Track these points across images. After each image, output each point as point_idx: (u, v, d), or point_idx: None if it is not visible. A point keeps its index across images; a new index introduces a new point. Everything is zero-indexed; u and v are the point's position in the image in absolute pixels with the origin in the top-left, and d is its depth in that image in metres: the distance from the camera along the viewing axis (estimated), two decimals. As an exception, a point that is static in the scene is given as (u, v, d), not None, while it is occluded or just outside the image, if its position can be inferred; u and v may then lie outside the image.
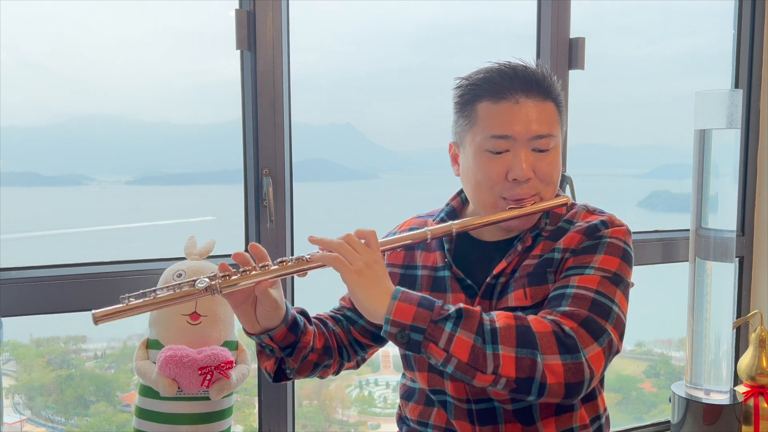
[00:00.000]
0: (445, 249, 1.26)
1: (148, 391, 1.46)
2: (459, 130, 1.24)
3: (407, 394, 1.33)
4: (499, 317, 1.05)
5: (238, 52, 1.73)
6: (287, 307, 1.16)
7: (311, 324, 1.23)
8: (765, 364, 2.07)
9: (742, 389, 2.10)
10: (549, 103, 1.19)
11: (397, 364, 3.35)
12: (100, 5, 2.32)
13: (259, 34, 1.70)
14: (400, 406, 1.37)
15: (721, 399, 2.02)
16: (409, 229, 1.35)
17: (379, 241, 1.12)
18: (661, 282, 2.97)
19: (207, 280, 1.06)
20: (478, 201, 1.23)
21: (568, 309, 1.08)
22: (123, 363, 2.84)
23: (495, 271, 1.21)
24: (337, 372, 1.33)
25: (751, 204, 2.46)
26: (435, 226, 1.18)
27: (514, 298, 1.18)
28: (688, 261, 2.12)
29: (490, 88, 1.17)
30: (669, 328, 3.46)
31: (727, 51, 2.46)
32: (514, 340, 1.02)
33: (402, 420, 1.37)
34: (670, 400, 2.11)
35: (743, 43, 2.42)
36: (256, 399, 1.83)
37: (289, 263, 1.09)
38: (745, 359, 2.11)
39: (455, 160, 1.28)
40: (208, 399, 1.44)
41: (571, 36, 2.08)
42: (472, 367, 1.01)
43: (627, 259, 1.17)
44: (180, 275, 1.48)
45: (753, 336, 2.12)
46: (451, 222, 1.18)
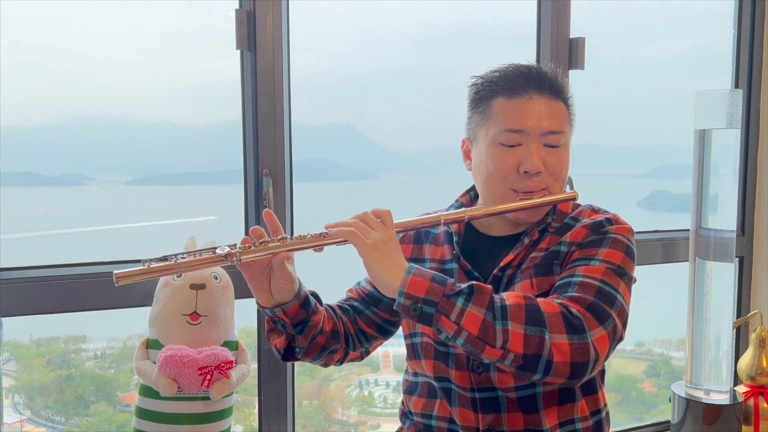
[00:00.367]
0: (454, 242, 1.30)
1: (148, 391, 1.46)
2: (473, 125, 1.29)
3: (410, 389, 1.36)
4: (509, 296, 1.08)
5: (238, 52, 1.73)
6: (300, 283, 1.21)
7: (322, 306, 1.28)
8: (765, 364, 2.07)
9: (742, 389, 2.10)
10: (560, 102, 1.25)
11: (397, 365, 3.35)
12: (100, 5, 2.32)
13: (259, 34, 1.70)
14: (403, 402, 1.40)
15: (721, 399, 2.02)
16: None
17: (394, 222, 1.17)
18: (661, 282, 2.97)
19: (227, 248, 1.10)
20: (489, 192, 1.27)
21: (574, 294, 1.12)
22: (123, 363, 2.84)
23: (502, 263, 1.25)
24: (341, 361, 1.36)
25: (751, 204, 2.46)
26: (448, 212, 1.23)
27: (520, 289, 1.21)
28: (688, 261, 2.12)
29: (506, 85, 1.23)
30: (669, 328, 3.46)
31: (727, 51, 2.46)
32: (523, 318, 1.05)
33: (405, 415, 1.39)
34: (670, 400, 2.11)
35: (743, 43, 2.42)
36: (256, 399, 1.83)
37: (307, 237, 1.13)
38: (745, 359, 2.11)
39: (467, 155, 1.33)
40: (208, 399, 1.44)
41: (571, 36, 2.08)
42: (481, 340, 1.04)
43: (630, 255, 1.21)
44: (180, 275, 1.48)
45: (753, 336, 2.12)
46: (464, 209, 1.23)
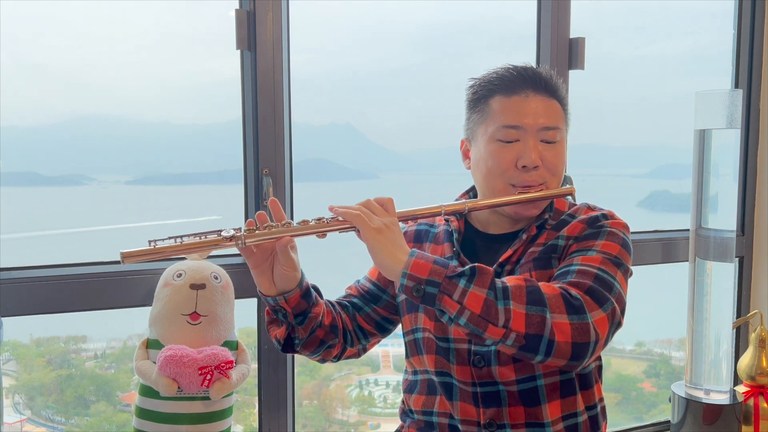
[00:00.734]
0: (454, 239, 1.32)
1: (148, 391, 1.46)
2: (471, 125, 1.33)
3: (410, 388, 1.37)
4: (509, 279, 1.10)
5: (238, 52, 1.73)
6: (302, 274, 1.23)
7: (322, 299, 1.30)
8: (765, 364, 2.07)
9: (742, 389, 2.10)
10: (555, 101, 1.30)
11: (396, 364, 3.35)
12: (100, 5, 2.32)
13: (259, 34, 1.70)
14: (403, 401, 1.41)
15: (721, 399, 2.02)
16: (418, 224, 1.43)
17: (396, 211, 1.19)
18: (661, 282, 2.97)
19: (232, 231, 1.12)
20: (488, 188, 1.29)
21: (573, 280, 1.13)
22: (123, 363, 2.84)
23: (501, 259, 1.27)
24: (339, 357, 1.37)
25: (751, 204, 2.46)
26: (449, 203, 1.25)
27: None
28: (688, 261, 2.12)
29: (503, 85, 1.28)
30: (669, 328, 3.46)
31: (727, 51, 2.46)
32: (524, 298, 1.07)
33: (405, 413, 1.40)
34: (670, 400, 2.11)
35: (743, 43, 2.42)
36: (256, 399, 1.83)
37: (311, 223, 1.15)
38: (745, 359, 2.11)
39: (466, 155, 1.36)
40: (208, 399, 1.44)
41: (571, 36, 2.08)
42: (484, 319, 1.05)
43: (626, 248, 1.23)
44: (180, 275, 1.48)
45: (753, 336, 2.12)
46: (464, 200, 1.27)
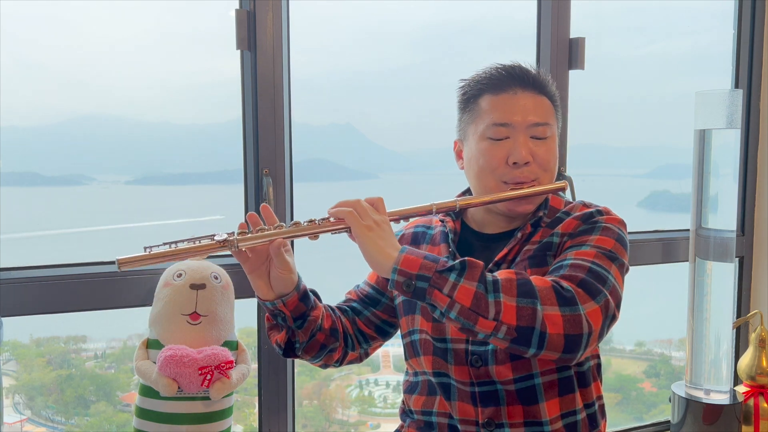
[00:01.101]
0: (449, 240, 1.32)
1: (148, 391, 1.46)
2: (463, 125, 1.33)
3: (410, 389, 1.37)
4: (500, 273, 1.10)
5: (238, 52, 1.73)
6: (299, 276, 1.23)
7: (321, 303, 1.30)
8: (765, 364, 2.08)
9: (742, 389, 2.10)
10: (544, 97, 1.30)
11: (396, 365, 3.35)
12: (100, 5, 2.33)
13: (259, 34, 1.70)
14: (403, 401, 1.41)
15: (721, 399, 2.02)
16: (414, 226, 1.44)
17: (387, 211, 1.20)
18: (661, 282, 2.97)
19: (225, 234, 1.12)
20: (480, 186, 1.30)
21: (566, 273, 1.13)
22: (123, 363, 2.84)
23: (497, 258, 1.27)
24: (341, 361, 1.37)
25: (751, 204, 2.46)
26: (440, 201, 1.25)
27: None
28: (688, 261, 2.12)
29: (491, 84, 1.28)
30: (669, 328, 3.46)
31: (727, 51, 2.46)
32: (515, 291, 1.07)
33: (405, 413, 1.40)
34: (670, 400, 2.11)
35: (743, 43, 2.42)
36: (256, 399, 1.83)
37: (303, 225, 1.16)
38: (745, 359, 2.11)
39: (459, 155, 1.37)
40: (208, 399, 1.44)
41: (571, 36, 2.08)
42: (474, 312, 1.05)
43: (622, 242, 1.22)
44: (180, 275, 1.48)
45: (753, 336, 2.12)
46: (455, 198, 1.26)
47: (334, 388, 3.35)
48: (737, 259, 2.44)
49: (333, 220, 1.16)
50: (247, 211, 1.79)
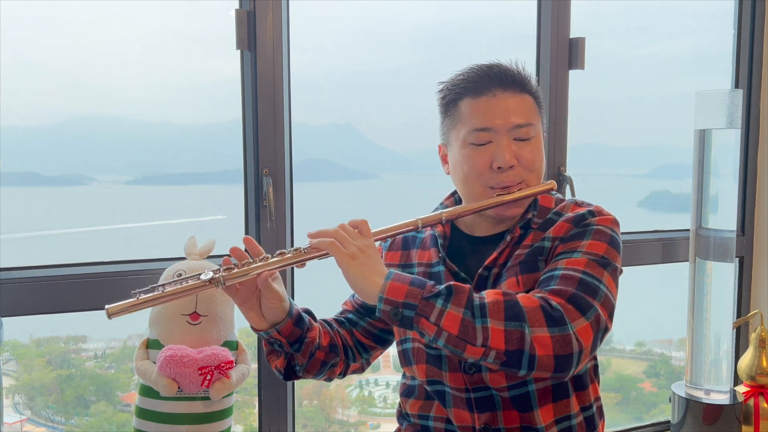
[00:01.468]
0: (439, 245, 1.31)
1: (148, 391, 1.46)
2: (445, 130, 1.31)
3: (407, 392, 1.37)
4: (488, 294, 1.09)
5: (238, 52, 1.73)
6: (291, 302, 1.23)
7: (316, 322, 1.29)
8: (765, 364, 2.07)
9: (742, 389, 2.10)
10: (526, 95, 1.26)
11: (396, 365, 3.35)
12: (100, 5, 2.33)
13: (259, 34, 1.70)
14: (400, 404, 1.41)
15: (721, 399, 2.02)
16: None
17: (372, 231, 1.18)
18: (661, 282, 2.97)
19: (211, 273, 1.13)
20: (467, 193, 1.28)
21: (555, 287, 1.11)
22: (123, 363, 2.84)
23: (487, 262, 1.25)
24: (344, 374, 1.37)
25: (751, 204, 2.46)
26: (425, 215, 1.23)
27: (506, 287, 1.21)
28: (688, 261, 2.12)
29: (469, 86, 1.25)
30: (669, 328, 3.46)
31: (727, 51, 2.46)
32: (502, 314, 1.05)
33: (403, 416, 1.40)
34: (670, 400, 2.11)
35: (743, 43, 2.42)
36: (256, 399, 1.83)
37: (288, 254, 1.15)
38: (745, 359, 2.11)
39: (445, 160, 1.34)
40: (208, 399, 1.44)
41: (571, 36, 2.08)
42: (462, 339, 1.04)
43: (614, 245, 1.20)
44: (180, 275, 1.48)
45: (753, 336, 2.12)
46: (441, 210, 1.24)
47: (334, 388, 3.35)
48: (737, 259, 2.44)
49: None
50: (246, 211, 1.79)
